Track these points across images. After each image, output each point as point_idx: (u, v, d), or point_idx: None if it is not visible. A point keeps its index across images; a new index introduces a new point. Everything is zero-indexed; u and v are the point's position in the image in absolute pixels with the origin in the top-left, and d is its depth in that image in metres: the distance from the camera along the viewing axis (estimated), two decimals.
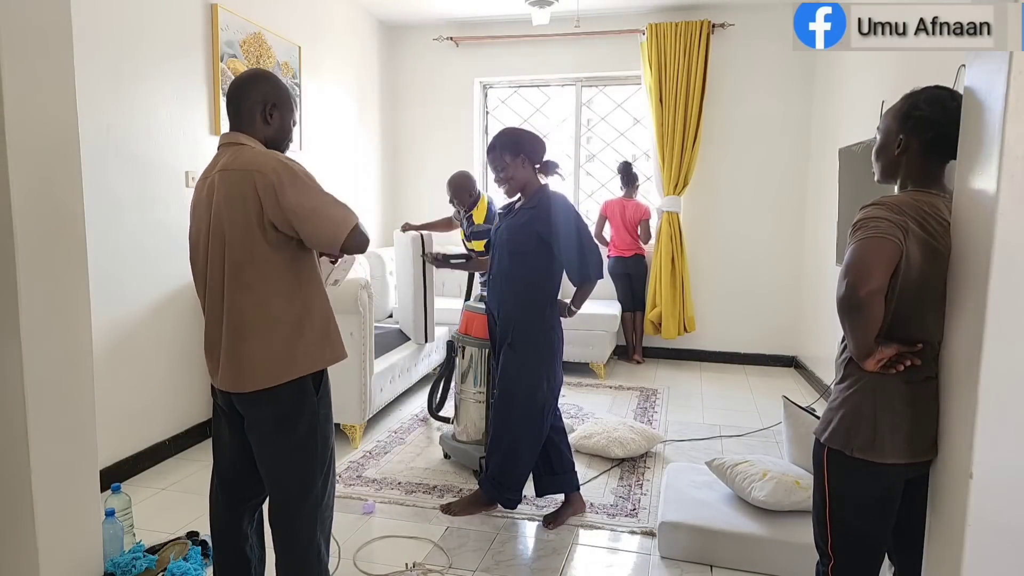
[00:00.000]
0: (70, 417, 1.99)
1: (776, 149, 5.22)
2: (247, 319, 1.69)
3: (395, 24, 5.71)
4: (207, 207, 1.72)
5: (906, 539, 1.56)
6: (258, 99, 1.76)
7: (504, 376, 2.66)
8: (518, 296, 2.65)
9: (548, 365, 2.64)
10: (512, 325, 2.65)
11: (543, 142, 2.74)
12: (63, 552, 1.97)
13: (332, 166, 4.85)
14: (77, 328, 2.01)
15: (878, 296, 1.36)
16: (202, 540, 2.42)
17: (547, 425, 2.70)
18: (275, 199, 1.62)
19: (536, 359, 2.63)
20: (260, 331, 1.69)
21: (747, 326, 5.42)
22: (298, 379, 1.74)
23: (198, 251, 1.77)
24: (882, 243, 1.36)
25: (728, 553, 2.38)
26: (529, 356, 2.62)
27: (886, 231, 1.36)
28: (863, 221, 1.40)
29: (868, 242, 1.37)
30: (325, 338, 1.79)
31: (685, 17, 5.12)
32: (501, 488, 2.70)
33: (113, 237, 2.96)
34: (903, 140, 1.49)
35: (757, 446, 3.55)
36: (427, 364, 4.51)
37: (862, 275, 1.35)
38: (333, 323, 1.83)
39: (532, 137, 2.69)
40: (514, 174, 2.64)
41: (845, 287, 1.36)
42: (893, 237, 1.36)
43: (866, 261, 1.35)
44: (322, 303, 1.80)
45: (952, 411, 1.39)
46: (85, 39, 2.68)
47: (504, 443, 2.67)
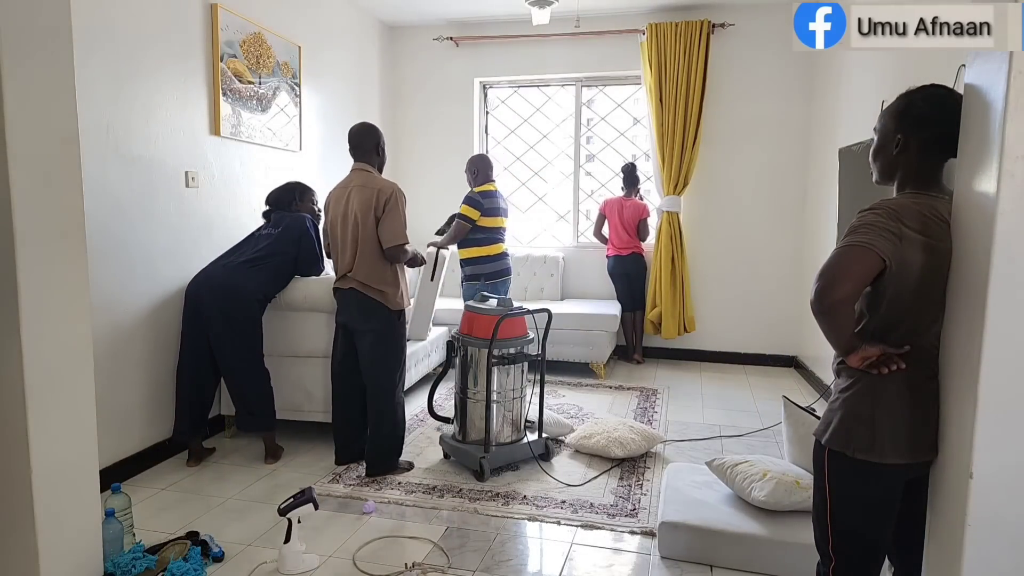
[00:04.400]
0: (70, 417, 1.99)
1: (776, 149, 5.22)
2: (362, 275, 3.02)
3: (395, 24, 5.71)
4: (345, 205, 3.01)
5: (906, 540, 1.56)
6: (373, 143, 3.12)
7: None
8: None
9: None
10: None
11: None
12: (63, 552, 1.97)
13: (332, 166, 4.85)
14: (77, 328, 2.01)
15: (844, 305, 1.38)
16: (202, 540, 2.42)
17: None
18: (382, 209, 2.95)
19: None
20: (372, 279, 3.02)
21: (747, 326, 5.42)
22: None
23: (335, 229, 3.07)
24: (862, 253, 1.35)
25: (728, 553, 2.38)
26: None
27: (870, 241, 1.35)
28: (854, 226, 1.40)
29: (847, 250, 1.37)
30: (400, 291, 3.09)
31: (685, 17, 5.12)
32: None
33: (113, 237, 2.96)
34: (901, 139, 1.47)
35: (757, 446, 3.55)
36: (427, 364, 4.51)
37: (831, 282, 1.36)
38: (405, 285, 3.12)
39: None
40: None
41: (814, 292, 1.38)
42: (875, 247, 1.34)
43: (839, 269, 1.37)
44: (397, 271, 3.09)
45: (952, 411, 1.39)
46: (85, 39, 2.68)
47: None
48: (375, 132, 3.12)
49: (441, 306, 5.02)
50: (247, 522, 2.67)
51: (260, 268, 3.26)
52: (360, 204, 2.95)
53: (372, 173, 3.06)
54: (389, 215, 2.92)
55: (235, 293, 3.13)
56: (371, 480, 3.07)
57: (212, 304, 3.10)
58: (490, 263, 4.12)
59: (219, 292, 3.12)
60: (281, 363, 3.43)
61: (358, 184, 2.99)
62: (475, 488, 2.99)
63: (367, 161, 3.08)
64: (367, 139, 3.09)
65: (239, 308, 3.14)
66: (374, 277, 2.98)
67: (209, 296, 3.11)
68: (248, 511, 2.77)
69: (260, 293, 3.23)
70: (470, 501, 2.87)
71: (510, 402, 3.19)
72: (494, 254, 4.12)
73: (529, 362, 3.22)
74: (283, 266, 3.35)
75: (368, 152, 3.08)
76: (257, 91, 3.92)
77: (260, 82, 3.94)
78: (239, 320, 3.14)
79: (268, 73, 4.01)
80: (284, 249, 3.35)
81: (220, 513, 2.75)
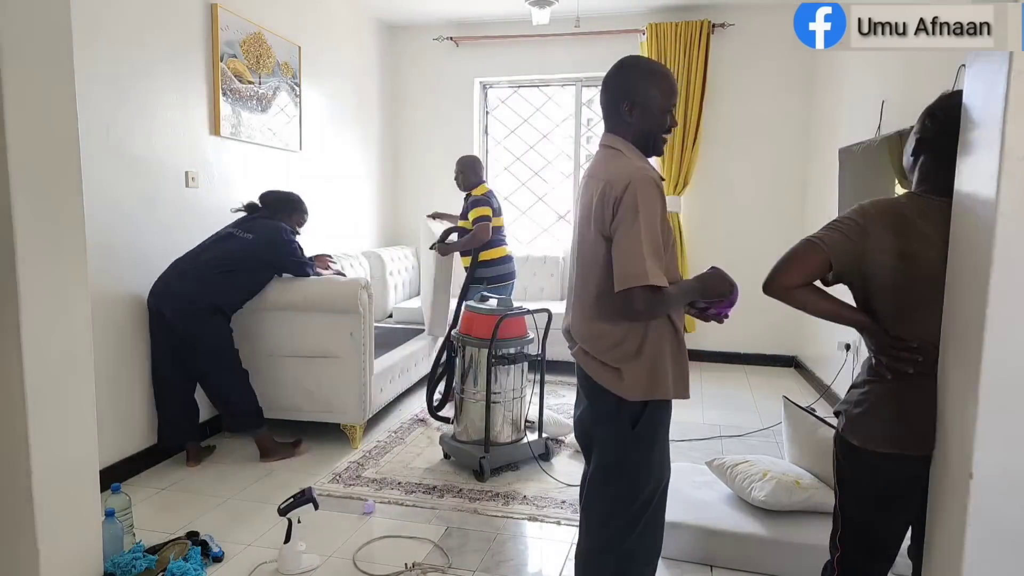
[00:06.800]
0: (70, 417, 1.99)
1: (776, 149, 5.22)
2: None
3: (395, 24, 5.71)
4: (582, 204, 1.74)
5: (922, 541, 1.57)
6: (616, 95, 1.69)
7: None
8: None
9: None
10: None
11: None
12: (63, 552, 1.97)
13: (332, 166, 4.85)
14: (77, 328, 2.01)
15: (787, 291, 1.48)
16: (202, 540, 2.42)
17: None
18: (610, 215, 1.59)
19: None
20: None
21: (747, 326, 5.40)
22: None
23: (576, 231, 1.79)
24: (809, 247, 1.46)
25: (728, 553, 2.38)
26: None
27: (821, 237, 1.46)
28: (829, 223, 1.50)
29: (799, 244, 1.48)
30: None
31: (685, 17, 5.12)
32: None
33: (113, 237, 2.96)
34: (918, 142, 1.51)
35: (757, 446, 3.55)
36: (427, 364, 4.50)
37: (777, 270, 1.48)
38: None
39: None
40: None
41: (768, 274, 1.50)
42: (823, 244, 1.45)
43: (785, 259, 1.48)
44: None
45: (952, 411, 1.39)
46: (85, 39, 2.68)
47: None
48: (617, 75, 1.71)
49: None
50: (247, 522, 2.67)
51: (227, 276, 3.13)
52: (584, 205, 1.72)
53: (620, 152, 1.69)
54: (624, 225, 1.57)
55: (189, 301, 3.03)
56: (371, 479, 3.07)
57: (172, 317, 3.03)
58: (495, 266, 4.02)
59: (176, 303, 3.03)
60: (281, 363, 3.43)
61: (588, 174, 1.75)
62: (475, 488, 2.99)
63: (613, 131, 1.73)
64: (608, 89, 1.72)
65: (196, 322, 3.06)
66: (596, 339, 1.69)
67: (167, 307, 3.03)
68: (248, 511, 2.77)
69: (222, 303, 3.13)
70: (470, 501, 2.87)
71: (510, 402, 3.19)
72: (499, 257, 4.05)
73: (529, 362, 3.22)
74: (256, 275, 3.27)
75: (610, 112, 1.72)
76: (257, 91, 3.92)
77: (260, 82, 3.94)
78: (200, 330, 3.07)
79: (268, 73, 4.01)
80: (257, 256, 3.24)
81: (220, 513, 2.75)
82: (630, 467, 1.70)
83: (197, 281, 3.07)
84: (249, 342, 3.41)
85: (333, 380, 3.39)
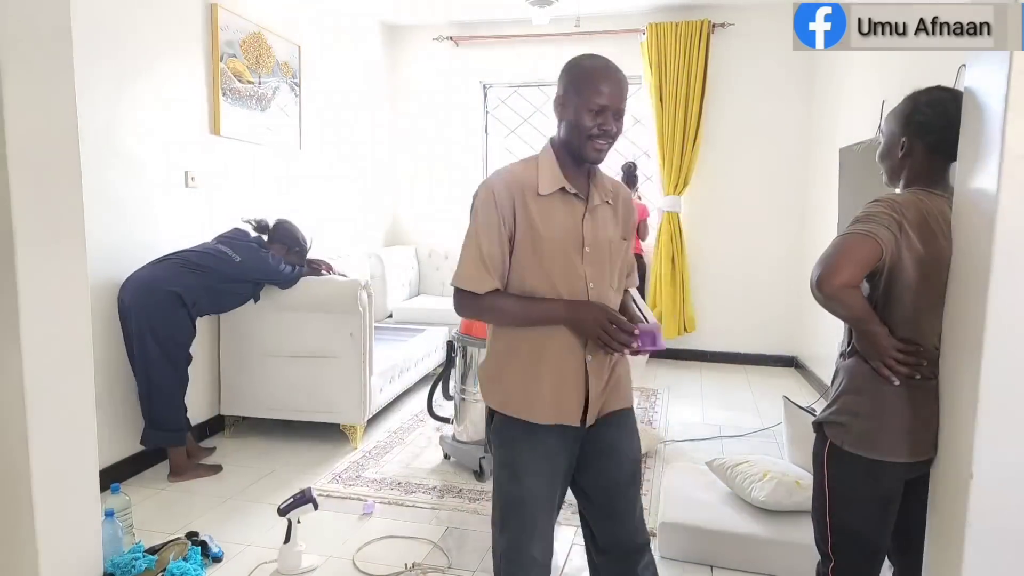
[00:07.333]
0: (70, 417, 1.99)
1: (776, 149, 5.22)
2: None
3: (395, 24, 5.71)
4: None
5: (906, 540, 1.56)
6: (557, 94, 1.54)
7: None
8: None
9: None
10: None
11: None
12: (63, 552, 1.97)
13: (332, 166, 4.85)
14: (77, 328, 2.01)
15: (844, 290, 1.37)
16: (202, 540, 2.42)
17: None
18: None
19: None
20: None
21: (747, 326, 5.42)
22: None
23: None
24: (863, 240, 1.37)
25: (728, 553, 2.38)
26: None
27: (871, 230, 1.37)
28: (857, 217, 1.42)
29: (848, 237, 1.39)
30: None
31: (685, 17, 5.12)
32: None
33: (113, 237, 2.96)
34: (906, 143, 1.49)
35: (757, 446, 3.55)
36: (427, 364, 4.51)
37: (832, 268, 1.37)
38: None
39: None
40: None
41: (815, 279, 1.39)
42: (876, 237, 1.36)
43: (839, 255, 1.38)
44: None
45: (952, 411, 1.39)
46: (85, 39, 2.68)
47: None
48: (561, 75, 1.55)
49: (439, 306, 5.03)
50: (247, 522, 2.67)
51: (195, 272, 3.01)
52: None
53: (530, 157, 1.60)
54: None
55: (148, 286, 2.89)
56: (371, 479, 3.07)
57: (131, 303, 2.88)
58: None
59: (135, 286, 2.90)
60: (281, 363, 3.43)
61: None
62: (475, 488, 2.99)
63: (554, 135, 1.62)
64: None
65: (152, 303, 2.87)
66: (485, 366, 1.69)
67: (128, 294, 2.89)
68: (248, 511, 2.77)
69: (184, 293, 2.94)
70: (470, 501, 2.87)
71: None
72: None
73: None
74: (232, 286, 3.19)
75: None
76: (257, 91, 3.92)
77: (260, 82, 3.94)
78: (152, 315, 2.88)
79: (268, 73, 4.01)
80: (243, 275, 3.19)
81: (220, 513, 2.75)
82: (495, 466, 1.63)
83: (163, 271, 2.97)
84: (249, 342, 3.41)
85: (333, 380, 3.39)
